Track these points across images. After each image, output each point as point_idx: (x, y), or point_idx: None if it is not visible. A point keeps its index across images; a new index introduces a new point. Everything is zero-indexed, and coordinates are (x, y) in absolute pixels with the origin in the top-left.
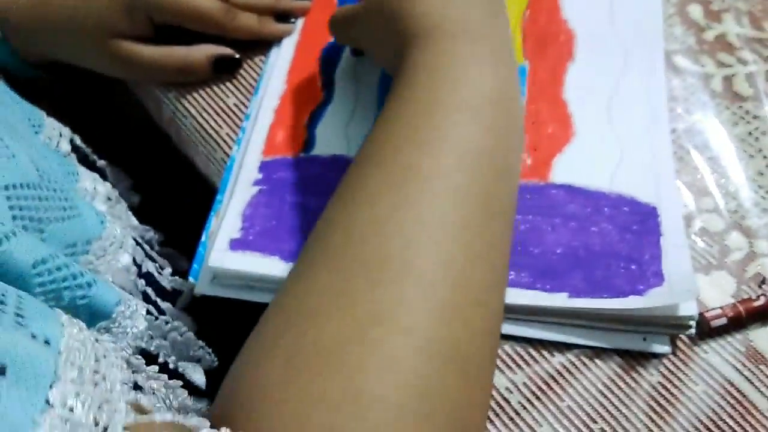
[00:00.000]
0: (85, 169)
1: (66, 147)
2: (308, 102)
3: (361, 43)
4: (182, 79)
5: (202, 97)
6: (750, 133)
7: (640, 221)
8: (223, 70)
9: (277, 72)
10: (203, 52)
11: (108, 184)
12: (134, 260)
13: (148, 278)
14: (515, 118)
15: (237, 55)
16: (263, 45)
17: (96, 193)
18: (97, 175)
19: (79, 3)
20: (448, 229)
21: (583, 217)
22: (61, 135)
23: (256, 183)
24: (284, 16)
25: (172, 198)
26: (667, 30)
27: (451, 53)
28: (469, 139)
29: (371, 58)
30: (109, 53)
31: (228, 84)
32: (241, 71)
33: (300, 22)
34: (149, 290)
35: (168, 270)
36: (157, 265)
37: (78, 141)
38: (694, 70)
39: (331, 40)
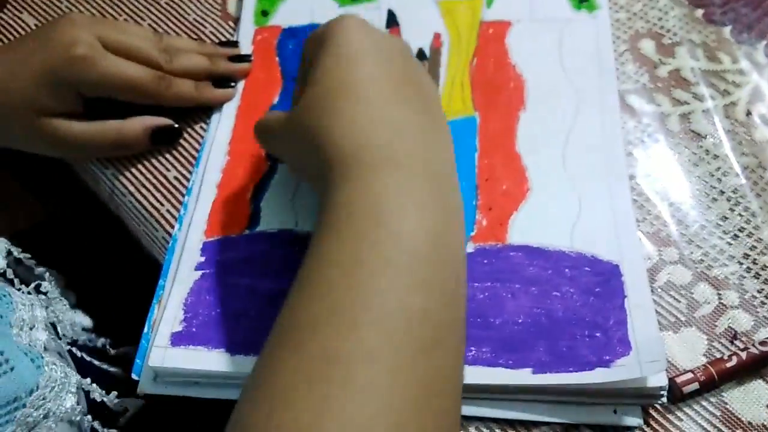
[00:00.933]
0: (21, 294)
1: (1, 263)
2: (252, 173)
3: (284, 158)
4: (119, 154)
5: (141, 172)
6: (711, 174)
7: (603, 282)
8: (162, 142)
9: (218, 142)
10: (139, 124)
11: (44, 311)
12: (83, 390)
13: (96, 409)
14: (456, 266)
15: (175, 125)
16: (204, 111)
17: (35, 320)
18: (34, 298)
19: (4, 82)
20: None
21: (543, 280)
22: None
23: (199, 267)
24: (223, 80)
25: (122, 280)
26: (620, 68)
27: (374, 192)
28: (399, 308)
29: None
30: (38, 133)
31: (167, 156)
32: (181, 141)
33: (241, 86)
34: (97, 425)
35: (113, 394)
36: (103, 392)
37: (15, 253)
38: (650, 109)
39: (275, 102)
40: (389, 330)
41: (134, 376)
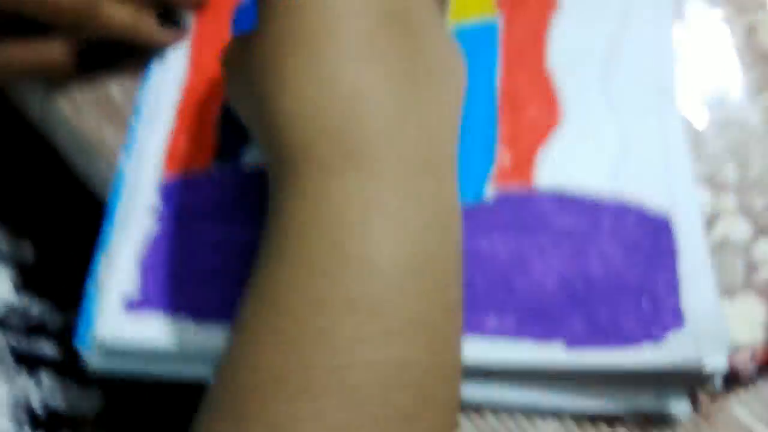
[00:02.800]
0: None
1: None
2: (219, 90)
3: (238, 111)
4: (40, 77)
5: (78, 87)
6: None
7: (651, 237)
8: (96, 65)
9: (174, 47)
10: (62, 44)
11: None
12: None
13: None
14: (448, 294)
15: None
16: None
17: None
18: None
19: None
20: None
21: (578, 234)
22: None
23: (155, 212)
24: (170, 12)
25: (60, 222)
26: None
27: (332, 204)
28: (370, 365)
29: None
30: None
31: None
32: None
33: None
34: None
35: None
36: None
37: None
38: (709, 16)
39: None
40: (358, 398)
41: (78, 349)
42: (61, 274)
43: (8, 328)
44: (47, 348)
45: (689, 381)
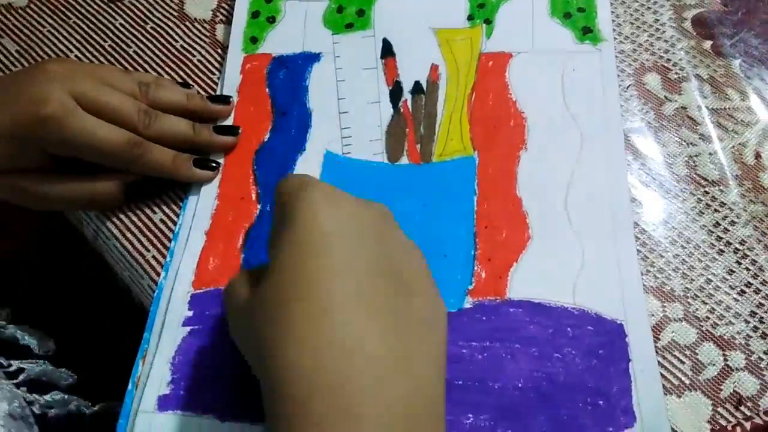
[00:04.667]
0: None
1: None
2: (243, 219)
3: (240, 347)
4: (95, 210)
5: (126, 214)
6: (718, 224)
7: (607, 343)
8: (140, 198)
9: (207, 185)
10: (112, 182)
11: (7, 400)
12: None
13: None
14: None
15: (153, 182)
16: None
17: None
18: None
19: None
20: None
21: (544, 340)
22: None
23: (187, 322)
24: (205, 159)
25: (107, 327)
26: (624, 105)
27: None
28: None
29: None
30: (5, 189)
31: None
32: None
33: (230, 120)
34: None
35: None
36: None
37: None
38: (655, 150)
39: (265, 139)
40: None
41: None
42: (107, 373)
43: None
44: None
45: None
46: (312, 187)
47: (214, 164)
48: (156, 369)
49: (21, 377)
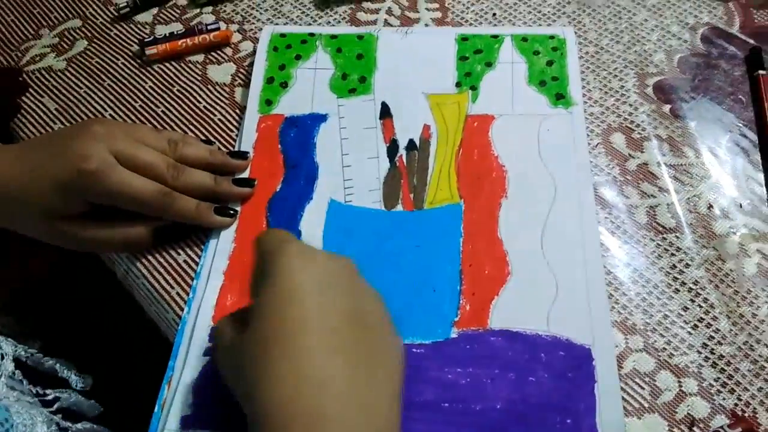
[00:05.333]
0: (21, 409)
1: (10, 367)
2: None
3: (227, 380)
4: (127, 251)
5: (153, 255)
6: (674, 266)
7: (576, 366)
8: (167, 241)
9: (226, 230)
10: (144, 228)
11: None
12: None
13: None
14: None
15: (179, 227)
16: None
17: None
18: (36, 410)
19: (19, 184)
20: None
21: (521, 365)
22: (2, 358)
23: (207, 352)
24: (225, 207)
25: (136, 357)
26: (593, 161)
27: None
28: None
29: None
30: (50, 232)
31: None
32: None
33: (246, 173)
34: None
35: None
36: None
37: (23, 352)
38: (619, 201)
39: (277, 189)
40: None
41: None
42: (133, 400)
43: None
44: None
45: None
46: (288, 243)
47: (232, 212)
48: (180, 393)
49: (56, 406)
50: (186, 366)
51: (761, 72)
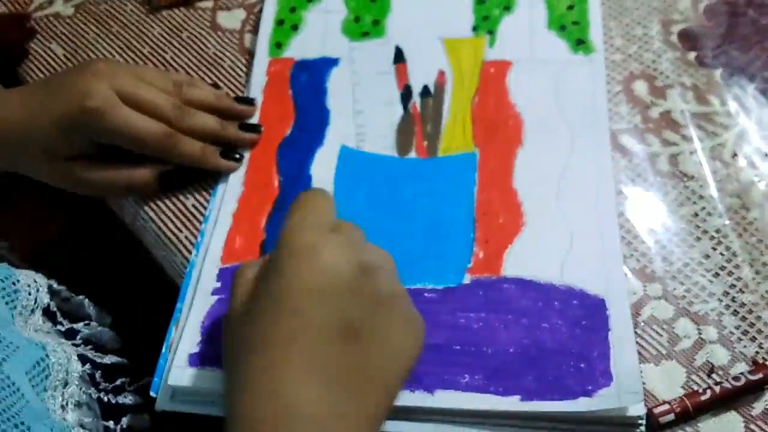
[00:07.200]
0: (57, 347)
1: (45, 299)
2: (266, 201)
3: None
4: (132, 196)
5: (162, 200)
6: (696, 214)
7: (589, 315)
8: (171, 188)
9: (233, 172)
10: (148, 171)
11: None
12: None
13: None
14: None
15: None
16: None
17: (71, 377)
18: (69, 348)
19: (22, 125)
20: None
21: (534, 312)
22: (38, 290)
23: (215, 292)
24: (231, 150)
25: (143, 301)
26: (613, 109)
27: None
28: None
29: None
30: (53, 173)
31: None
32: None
33: (256, 117)
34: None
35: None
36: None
37: (54, 285)
38: (640, 149)
39: (287, 134)
40: None
41: (152, 394)
42: (141, 341)
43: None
44: (128, 398)
45: (619, 426)
46: (299, 233)
47: (238, 156)
48: (187, 332)
49: (79, 337)
50: (194, 307)
51: None
